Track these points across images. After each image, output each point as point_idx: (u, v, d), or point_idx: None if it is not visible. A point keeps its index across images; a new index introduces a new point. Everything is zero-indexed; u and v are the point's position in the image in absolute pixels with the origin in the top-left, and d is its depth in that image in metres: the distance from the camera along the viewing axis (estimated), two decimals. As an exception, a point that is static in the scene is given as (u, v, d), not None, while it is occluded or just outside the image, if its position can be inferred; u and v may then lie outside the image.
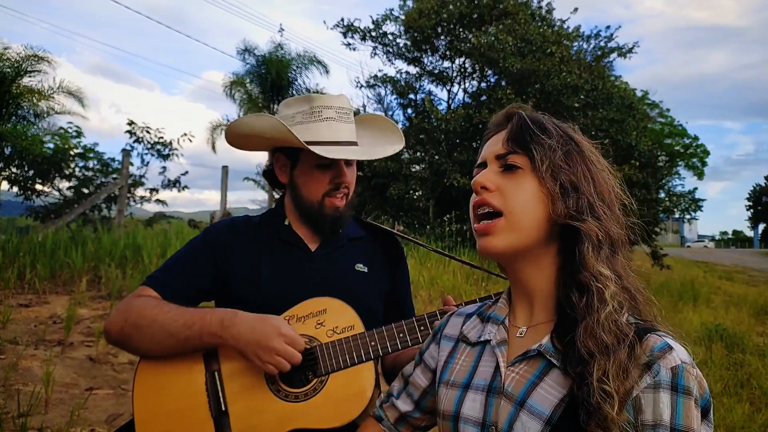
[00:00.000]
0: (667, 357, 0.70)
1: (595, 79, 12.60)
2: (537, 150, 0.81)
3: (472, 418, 0.82)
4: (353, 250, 1.40)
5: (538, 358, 0.79)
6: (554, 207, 0.79)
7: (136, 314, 1.20)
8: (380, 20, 14.28)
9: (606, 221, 0.80)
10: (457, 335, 0.96)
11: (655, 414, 0.68)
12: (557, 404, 0.73)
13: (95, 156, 8.88)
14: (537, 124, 0.85)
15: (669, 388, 0.69)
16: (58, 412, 2.91)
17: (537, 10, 13.88)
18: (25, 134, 8.09)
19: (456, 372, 0.90)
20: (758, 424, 3.48)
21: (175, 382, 1.21)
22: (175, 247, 6.34)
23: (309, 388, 1.19)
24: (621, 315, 0.74)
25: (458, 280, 7.13)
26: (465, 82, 14.59)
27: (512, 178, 0.83)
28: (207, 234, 1.39)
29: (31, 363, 3.46)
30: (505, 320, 0.89)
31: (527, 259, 0.84)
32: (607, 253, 0.79)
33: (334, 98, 1.33)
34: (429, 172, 12.64)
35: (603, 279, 0.76)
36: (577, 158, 0.83)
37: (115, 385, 3.40)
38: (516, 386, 0.79)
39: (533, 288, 0.85)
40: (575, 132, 0.88)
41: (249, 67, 15.46)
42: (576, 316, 0.76)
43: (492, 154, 0.87)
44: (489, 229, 0.82)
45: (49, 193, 8.82)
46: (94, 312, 4.62)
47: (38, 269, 5.21)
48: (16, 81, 9.25)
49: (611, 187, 0.84)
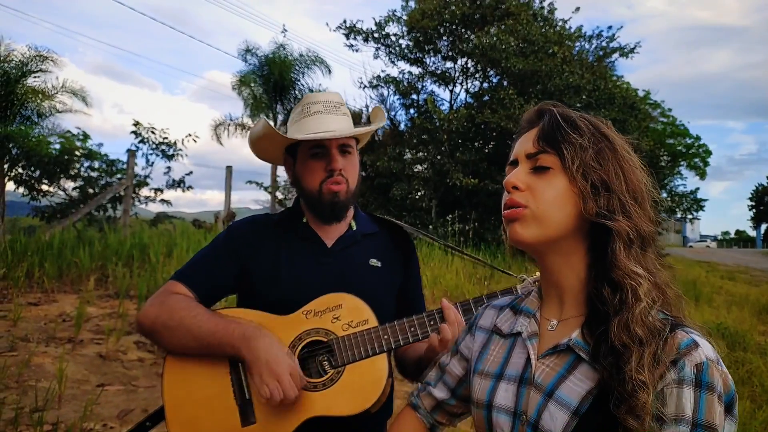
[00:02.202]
0: (693, 354, 0.72)
1: (597, 79, 12.63)
2: (568, 149, 0.82)
3: (504, 406, 0.85)
4: (367, 245, 1.46)
5: (568, 352, 0.82)
6: (585, 206, 0.80)
7: (167, 314, 1.27)
8: (383, 21, 14.33)
9: (637, 219, 0.80)
10: (490, 327, 0.99)
11: (678, 409, 0.70)
12: (584, 396, 0.76)
13: (100, 157, 8.95)
14: (568, 121, 0.85)
15: (692, 384, 0.70)
16: (71, 407, 2.96)
17: (539, 11, 13.91)
18: (29, 135, 8.15)
19: (489, 363, 0.93)
20: (759, 421, 3.52)
21: (201, 372, 1.27)
22: (181, 246, 6.41)
23: (326, 379, 1.24)
24: (653, 311, 0.76)
25: (461, 279, 7.18)
26: (467, 82, 14.64)
27: (543, 178, 0.84)
28: (230, 231, 1.45)
29: (43, 360, 3.51)
30: (536, 313, 0.91)
31: (557, 253, 0.85)
32: (638, 250, 0.80)
33: (321, 94, 1.44)
34: (432, 172, 12.69)
35: (636, 277, 0.77)
36: (609, 156, 0.83)
37: (125, 381, 3.46)
38: (545, 378, 0.82)
39: (563, 282, 0.87)
40: (608, 128, 0.88)
41: (252, 68, 15.50)
42: (608, 311, 0.77)
43: (523, 153, 0.88)
44: (515, 214, 0.84)
45: (54, 193, 8.89)
46: (102, 310, 4.68)
47: (46, 268, 5.27)
48: (20, 81, 9.32)
49: (642, 184, 0.84)
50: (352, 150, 1.42)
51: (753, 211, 62.64)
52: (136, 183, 9.00)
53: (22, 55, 9.40)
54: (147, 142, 9.34)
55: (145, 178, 9.36)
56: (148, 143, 9.35)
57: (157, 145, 9.43)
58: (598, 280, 0.81)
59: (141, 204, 9.64)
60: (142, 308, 1.32)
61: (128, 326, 4.29)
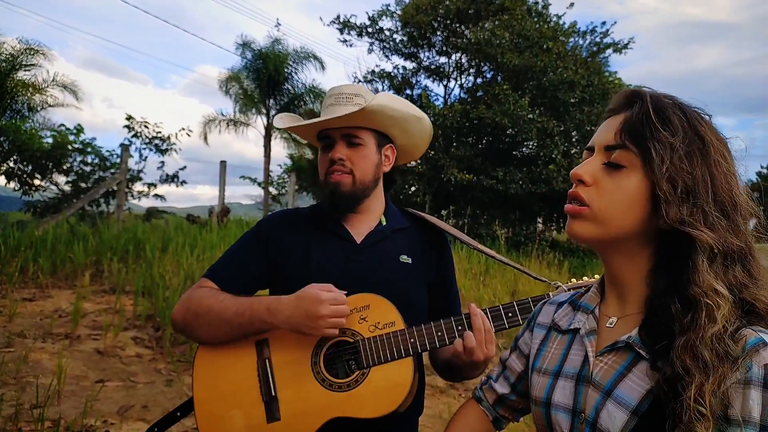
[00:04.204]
0: (762, 353, 0.67)
1: (591, 75, 12.68)
2: (655, 148, 0.75)
3: (562, 404, 0.84)
4: (398, 241, 1.43)
5: (627, 350, 0.78)
6: (668, 212, 0.74)
7: (196, 304, 1.29)
8: (376, 16, 14.28)
9: (722, 231, 0.73)
10: (549, 323, 0.97)
11: (744, 410, 0.66)
12: (644, 395, 0.73)
13: (93, 151, 8.86)
14: (661, 115, 0.77)
15: (761, 385, 0.66)
16: (70, 403, 2.94)
17: (533, 6, 13.93)
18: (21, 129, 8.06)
19: (548, 360, 0.91)
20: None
21: (229, 367, 1.28)
22: (176, 241, 6.37)
23: (352, 380, 1.23)
24: (728, 335, 0.69)
25: (457, 275, 7.19)
26: (461, 77, 14.65)
27: (614, 176, 0.78)
28: (260, 227, 1.44)
29: (40, 356, 3.48)
30: (595, 310, 0.88)
31: (619, 252, 0.82)
32: (720, 266, 0.73)
33: (337, 87, 1.43)
34: (426, 167, 12.69)
35: (714, 296, 0.70)
36: (699, 159, 0.75)
37: (124, 377, 3.43)
38: (604, 376, 0.79)
39: (624, 280, 0.83)
40: (704, 125, 0.78)
41: (246, 62, 15.38)
42: (673, 327, 0.72)
43: (602, 143, 0.81)
44: (575, 211, 0.80)
45: (47, 188, 8.80)
46: (98, 306, 4.64)
47: (40, 263, 5.22)
48: (10, 75, 9.19)
49: (734, 194, 0.76)
50: (362, 141, 1.37)
51: (742, 207, 63.29)
52: (129, 178, 8.92)
53: (12, 49, 9.27)
54: (140, 136, 9.26)
55: (138, 172, 9.29)
56: (141, 138, 9.28)
57: (150, 140, 9.36)
58: (669, 295, 0.75)
59: (134, 199, 9.58)
60: (174, 307, 1.34)
61: (125, 322, 4.26)
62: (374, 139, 1.40)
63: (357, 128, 1.37)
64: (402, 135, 1.46)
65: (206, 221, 9.88)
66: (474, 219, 12.67)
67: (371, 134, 1.40)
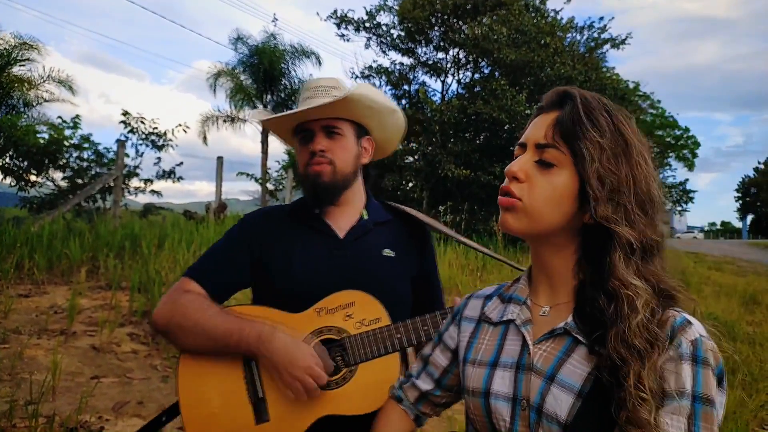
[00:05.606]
0: (687, 330, 0.74)
1: (588, 71, 12.67)
2: (586, 148, 0.79)
3: (502, 393, 0.85)
4: (380, 234, 1.43)
5: (564, 336, 0.82)
6: (594, 209, 0.78)
7: (181, 315, 1.26)
8: (374, 11, 14.24)
9: (641, 227, 0.79)
10: (477, 316, 0.99)
11: (678, 384, 0.72)
12: (586, 378, 0.76)
13: (90, 146, 8.83)
14: (591, 116, 0.81)
15: (690, 359, 0.72)
16: (65, 399, 2.94)
17: (531, 1, 13.89)
18: (16, 124, 8.02)
19: (482, 351, 0.92)
20: (749, 409, 3.58)
21: (215, 370, 1.26)
22: (173, 237, 6.35)
23: (339, 377, 1.23)
24: (653, 322, 0.74)
25: (454, 271, 7.19)
26: (459, 73, 14.61)
27: (545, 174, 0.82)
28: (243, 224, 1.43)
29: (35, 352, 3.48)
30: (527, 300, 0.91)
31: (548, 244, 0.86)
32: (638, 260, 0.78)
33: (314, 80, 1.44)
34: (423, 162, 12.68)
35: (633, 288, 0.76)
36: (623, 159, 0.80)
37: (119, 373, 3.43)
38: (545, 362, 0.82)
39: (554, 271, 0.87)
40: (627, 126, 0.83)
41: (241, 57, 15.32)
42: (604, 320, 0.77)
43: (534, 141, 0.85)
44: (508, 203, 0.83)
45: (43, 183, 8.77)
46: (94, 302, 4.63)
47: (36, 260, 5.21)
48: (5, 70, 9.15)
49: (652, 190, 0.81)
50: (341, 131, 1.38)
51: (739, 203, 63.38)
52: (126, 174, 8.89)
53: (7, 44, 9.23)
54: (136, 132, 9.22)
55: (134, 168, 9.26)
56: (137, 133, 9.24)
57: (146, 136, 9.32)
58: (594, 287, 0.80)
59: (130, 195, 9.54)
60: (156, 307, 1.31)
61: (121, 318, 4.26)
62: (353, 130, 1.41)
63: (336, 119, 1.37)
64: (378, 127, 1.47)
65: (203, 217, 9.88)
66: (471, 215, 12.67)
67: (350, 125, 1.40)
